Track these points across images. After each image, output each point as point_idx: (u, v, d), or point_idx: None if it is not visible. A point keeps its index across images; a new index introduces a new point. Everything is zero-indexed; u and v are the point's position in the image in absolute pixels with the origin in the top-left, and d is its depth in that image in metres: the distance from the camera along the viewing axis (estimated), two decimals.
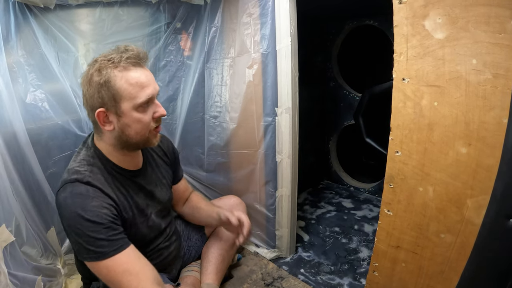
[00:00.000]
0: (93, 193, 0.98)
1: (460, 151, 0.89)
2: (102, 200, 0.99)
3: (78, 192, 0.97)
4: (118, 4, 1.54)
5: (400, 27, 0.95)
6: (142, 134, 1.04)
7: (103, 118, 0.99)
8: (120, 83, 0.95)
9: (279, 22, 1.44)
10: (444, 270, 1.00)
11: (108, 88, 0.95)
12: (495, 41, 0.78)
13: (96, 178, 1.02)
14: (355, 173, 2.78)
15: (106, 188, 1.03)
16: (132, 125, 1.01)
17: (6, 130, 1.25)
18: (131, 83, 0.96)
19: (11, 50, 1.31)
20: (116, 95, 0.96)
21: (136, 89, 0.97)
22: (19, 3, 1.28)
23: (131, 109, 0.98)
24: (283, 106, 1.52)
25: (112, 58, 0.96)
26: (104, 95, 0.96)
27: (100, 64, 0.96)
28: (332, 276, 1.66)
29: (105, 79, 0.95)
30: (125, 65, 0.96)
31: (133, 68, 0.98)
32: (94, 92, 0.96)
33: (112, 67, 0.95)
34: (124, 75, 0.96)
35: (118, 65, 0.96)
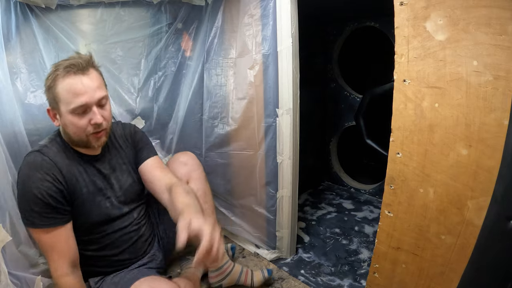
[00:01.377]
0: (41, 164, 1.09)
1: (461, 152, 0.89)
2: (49, 173, 1.09)
3: (29, 161, 1.10)
4: (120, 4, 1.55)
5: (401, 29, 0.95)
6: (79, 135, 1.14)
7: (52, 115, 1.15)
8: (59, 87, 1.07)
9: (281, 23, 1.44)
10: (444, 271, 1.00)
11: (51, 91, 1.09)
12: (496, 42, 0.78)
13: (53, 151, 1.15)
14: (356, 174, 2.78)
15: (60, 161, 1.14)
16: (69, 126, 1.12)
17: (5, 130, 1.25)
18: (66, 89, 1.07)
19: (11, 49, 1.31)
20: (56, 98, 1.09)
21: (69, 96, 1.07)
22: (21, 3, 1.29)
23: (67, 112, 1.09)
24: (284, 107, 1.52)
25: (58, 66, 1.08)
26: (49, 97, 1.12)
27: (50, 71, 1.10)
28: (333, 277, 1.66)
29: (49, 83, 1.09)
30: (64, 73, 1.07)
31: (72, 76, 1.08)
32: (46, 93, 1.13)
33: (56, 74, 1.07)
34: (62, 82, 1.07)
35: (59, 72, 1.07)
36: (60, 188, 1.11)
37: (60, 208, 1.11)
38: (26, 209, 1.08)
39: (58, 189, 1.10)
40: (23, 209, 1.09)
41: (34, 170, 1.08)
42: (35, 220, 1.07)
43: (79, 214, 1.18)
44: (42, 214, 1.07)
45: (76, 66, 1.08)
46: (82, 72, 1.09)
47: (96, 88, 1.11)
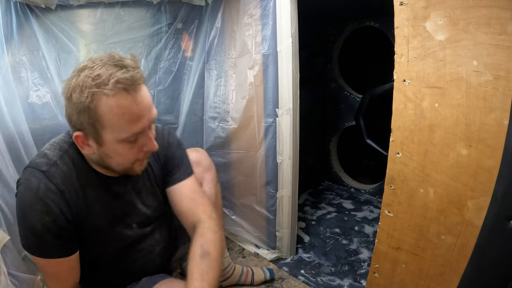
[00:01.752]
0: (44, 193, 0.84)
1: (461, 152, 0.89)
2: (53, 206, 0.85)
3: (31, 186, 0.84)
4: (120, 4, 1.54)
5: (401, 29, 0.95)
6: (124, 166, 0.91)
7: (81, 142, 0.85)
8: (105, 110, 0.78)
9: (280, 23, 1.44)
10: (444, 271, 1.00)
11: (89, 114, 0.78)
12: (496, 42, 0.78)
13: (62, 172, 0.88)
14: (356, 174, 2.78)
15: (70, 187, 0.88)
16: (113, 157, 0.87)
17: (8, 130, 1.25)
18: (116, 113, 0.79)
19: (13, 50, 1.31)
20: (97, 123, 0.80)
21: (122, 122, 0.80)
22: (21, 3, 1.28)
23: (114, 141, 0.83)
24: (284, 107, 1.52)
25: (99, 77, 0.77)
26: (83, 120, 0.80)
27: (84, 82, 0.77)
28: (333, 277, 1.66)
29: (85, 104, 0.77)
30: (111, 92, 0.77)
31: (124, 94, 0.78)
32: (73, 113, 0.81)
33: (95, 91, 0.77)
34: (110, 102, 0.77)
35: (103, 90, 0.77)
36: (66, 224, 0.88)
37: (64, 243, 0.90)
38: (24, 234, 0.86)
39: (63, 224, 0.87)
40: (21, 232, 0.87)
41: (35, 199, 0.83)
42: (35, 250, 0.87)
43: (92, 246, 0.99)
44: (42, 245, 0.87)
45: (130, 80, 0.78)
46: (135, 88, 0.80)
47: (151, 108, 0.86)
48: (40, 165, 0.86)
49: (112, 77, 0.77)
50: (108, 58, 0.81)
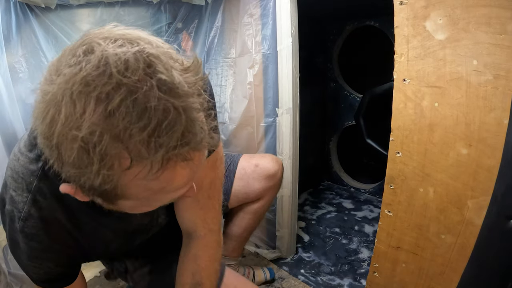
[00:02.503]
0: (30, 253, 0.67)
1: (461, 152, 0.89)
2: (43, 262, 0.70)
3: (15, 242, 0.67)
4: (119, 4, 1.54)
5: (401, 28, 0.95)
6: None
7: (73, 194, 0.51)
8: (130, 184, 0.46)
9: (280, 23, 1.44)
10: (444, 271, 1.00)
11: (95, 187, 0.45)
12: (496, 42, 0.78)
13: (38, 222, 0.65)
14: (356, 173, 2.78)
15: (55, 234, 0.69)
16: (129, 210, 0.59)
17: (6, 130, 1.25)
18: (152, 189, 0.48)
19: (12, 49, 1.31)
20: (112, 195, 0.48)
21: (160, 195, 0.51)
22: (20, 3, 1.28)
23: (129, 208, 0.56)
24: (284, 107, 1.52)
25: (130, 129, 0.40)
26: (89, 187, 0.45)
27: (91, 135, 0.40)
28: (332, 276, 1.66)
29: (111, 182, 0.44)
30: (160, 163, 0.43)
31: (171, 166, 0.44)
32: (62, 169, 0.46)
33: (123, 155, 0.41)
34: (144, 177, 0.44)
35: (144, 157, 0.42)
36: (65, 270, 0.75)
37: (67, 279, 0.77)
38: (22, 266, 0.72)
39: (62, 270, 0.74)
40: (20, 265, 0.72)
41: (25, 257, 0.68)
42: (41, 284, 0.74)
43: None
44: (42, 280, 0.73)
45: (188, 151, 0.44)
46: (186, 158, 0.45)
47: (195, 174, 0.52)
48: (13, 218, 0.65)
49: (157, 144, 0.41)
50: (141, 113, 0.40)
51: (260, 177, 1.27)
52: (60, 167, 0.45)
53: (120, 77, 0.39)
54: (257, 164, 1.28)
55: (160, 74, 0.41)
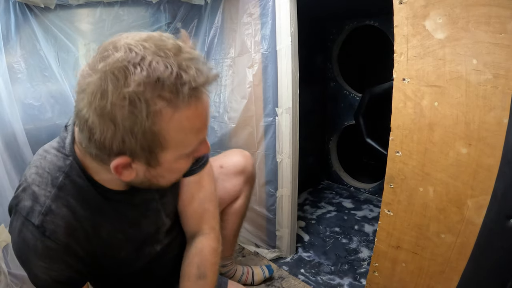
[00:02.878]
0: (43, 252, 0.67)
1: (461, 151, 0.89)
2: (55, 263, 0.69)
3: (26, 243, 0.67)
4: (119, 4, 1.54)
5: (401, 27, 0.95)
6: (172, 181, 0.73)
7: (122, 169, 0.61)
8: (171, 128, 0.56)
9: (280, 22, 1.44)
10: (444, 270, 1.00)
11: (146, 137, 0.55)
12: (495, 41, 0.78)
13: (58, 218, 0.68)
14: (356, 173, 2.78)
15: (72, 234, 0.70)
16: (167, 175, 0.69)
17: (5, 130, 1.25)
18: (184, 127, 0.58)
19: (11, 50, 1.31)
20: (156, 145, 0.58)
21: (189, 136, 0.61)
22: (20, 3, 1.28)
23: (174, 160, 0.64)
24: (283, 106, 1.52)
25: (161, 81, 0.52)
26: (134, 144, 0.56)
27: (136, 87, 0.51)
28: (332, 276, 1.66)
29: (142, 126, 0.54)
30: (184, 102, 0.55)
31: (193, 103, 0.57)
32: (115, 136, 0.55)
33: (160, 99, 0.53)
34: (177, 117, 0.56)
35: (171, 102, 0.54)
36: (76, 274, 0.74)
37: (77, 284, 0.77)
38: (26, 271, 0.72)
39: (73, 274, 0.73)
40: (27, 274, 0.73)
41: (35, 257, 0.68)
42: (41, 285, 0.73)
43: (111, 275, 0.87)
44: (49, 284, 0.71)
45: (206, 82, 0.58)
46: (199, 94, 0.58)
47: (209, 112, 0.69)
48: (30, 214, 0.67)
49: (183, 80, 0.54)
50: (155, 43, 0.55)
51: (228, 176, 1.25)
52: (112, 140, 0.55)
53: (143, 53, 0.53)
54: (221, 165, 1.26)
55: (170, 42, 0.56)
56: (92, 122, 0.54)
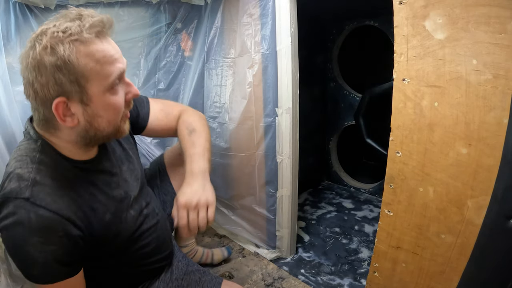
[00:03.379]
0: (37, 225, 0.71)
1: (461, 151, 0.89)
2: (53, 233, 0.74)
3: (18, 220, 0.71)
4: (119, 4, 1.54)
5: (401, 28, 0.95)
6: (115, 122, 0.84)
7: (63, 111, 0.74)
8: (85, 61, 0.72)
9: (280, 23, 1.44)
10: (444, 270, 1.00)
11: (69, 70, 0.71)
12: (495, 41, 0.78)
13: (44, 187, 0.75)
14: (356, 173, 2.78)
15: (60, 200, 0.76)
16: (103, 114, 0.79)
17: (5, 131, 1.25)
18: (97, 58, 0.74)
19: (11, 50, 1.31)
20: (81, 77, 0.73)
21: (105, 66, 0.76)
22: (20, 4, 1.28)
23: (102, 92, 0.77)
24: (283, 107, 1.52)
25: (68, 28, 0.71)
26: (64, 80, 0.71)
27: (52, 38, 0.70)
28: (333, 276, 1.66)
29: (63, 58, 0.70)
30: (88, 36, 0.73)
31: (97, 40, 0.75)
32: (48, 79, 0.71)
33: (71, 41, 0.71)
34: (88, 50, 0.73)
35: (79, 37, 0.71)
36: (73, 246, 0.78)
37: (73, 264, 0.81)
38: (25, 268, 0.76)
39: (70, 247, 0.77)
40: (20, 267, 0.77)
41: (29, 233, 0.72)
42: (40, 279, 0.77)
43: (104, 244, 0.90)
44: (49, 273, 0.76)
45: (102, 23, 0.76)
46: (107, 33, 0.78)
47: (120, 53, 0.83)
48: (19, 191, 0.73)
49: (83, 25, 0.72)
50: (62, 15, 0.75)
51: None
52: (47, 84, 0.71)
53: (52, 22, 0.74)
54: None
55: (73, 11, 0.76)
56: (32, 78, 0.72)
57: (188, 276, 1.11)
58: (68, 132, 0.80)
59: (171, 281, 1.08)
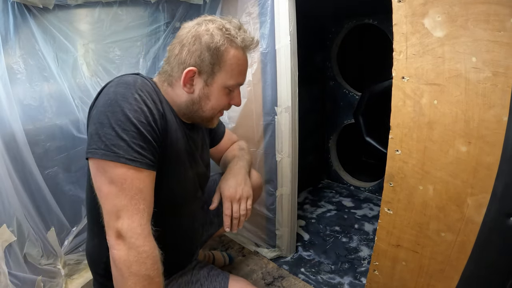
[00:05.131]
0: (142, 85, 0.84)
1: (460, 149, 0.89)
2: (149, 97, 0.84)
3: (124, 81, 0.83)
4: (117, 4, 1.54)
5: (400, 26, 0.95)
6: (214, 111, 0.99)
7: (189, 78, 0.92)
8: (228, 57, 0.92)
9: (278, 21, 1.44)
10: (444, 268, 1.00)
11: (216, 55, 0.91)
12: (494, 39, 0.78)
13: (148, 89, 0.86)
14: (355, 172, 2.78)
15: (153, 102, 0.86)
16: (212, 99, 0.97)
17: (5, 131, 1.25)
18: (237, 63, 0.94)
19: (10, 50, 1.31)
20: (218, 65, 0.92)
21: (236, 71, 0.95)
22: (18, 4, 1.28)
23: (221, 85, 0.95)
24: (282, 105, 1.52)
25: (229, 30, 0.92)
26: (206, 59, 0.91)
27: (216, 28, 0.91)
28: (333, 275, 1.66)
29: (217, 45, 0.90)
30: (239, 43, 0.93)
31: (242, 50, 0.95)
32: (197, 50, 0.90)
33: (228, 39, 0.91)
34: (236, 53, 0.93)
35: (233, 40, 0.92)
36: (157, 123, 0.84)
37: (153, 145, 0.83)
38: (108, 135, 0.77)
39: (156, 121, 0.84)
40: (103, 136, 0.77)
41: (131, 89, 0.81)
42: (120, 151, 0.76)
43: (163, 177, 0.90)
44: (132, 146, 0.77)
45: (251, 43, 0.97)
46: (249, 51, 0.99)
47: (247, 68, 1.02)
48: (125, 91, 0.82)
49: (240, 34, 0.93)
50: (227, 21, 0.95)
51: None
52: (194, 53, 0.91)
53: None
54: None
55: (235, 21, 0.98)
56: (186, 42, 0.91)
57: (197, 271, 1.12)
58: (179, 93, 0.96)
59: (180, 277, 1.09)
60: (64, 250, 1.52)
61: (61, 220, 1.48)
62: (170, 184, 0.95)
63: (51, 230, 1.44)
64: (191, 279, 1.09)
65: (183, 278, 1.09)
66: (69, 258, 1.53)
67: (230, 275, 1.11)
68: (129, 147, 0.77)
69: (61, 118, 1.44)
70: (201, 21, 0.93)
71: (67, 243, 1.53)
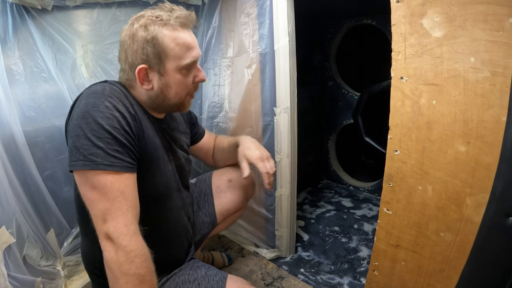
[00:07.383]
0: (110, 92, 0.87)
1: (459, 149, 0.89)
2: (120, 102, 0.87)
3: (93, 91, 0.86)
4: (116, 5, 1.54)
5: (398, 26, 0.95)
6: (180, 96, 1.00)
7: (143, 76, 0.94)
8: (168, 41, 0.92)
9: (277, 22, 1.44)
10: (444, 268, 1.00)
11: (155, 45, 0.91)
12: (493, 39, 0.78)
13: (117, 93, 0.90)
14: (355, 172, 2.78)
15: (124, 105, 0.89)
16: (172, 86, 0.97)
17: (4, 132, 1.25)
18: (178, 43, 0.93)
19: (8, 51, 1.31)
20: (162, 53, 0.92)
21: (182, 50, 0.94)
22: (17, 5, 1.28)
23: (175, 70, 0.95)
24: (281, 106, 1.52)
25: (160, 16, 0.92)
26: (149, 52, 0.91)
27: (147, 20, 0.92)
28: (332, 275, 1.66)
29: (152, 35, 0.90)
30: (174, 24, 0.93)
31: (180, 28, 0.94)
32: (138, 48, 0.91)
33: (160, 25, 0.91)
34: (172, 35, 0.92)
35: (167, 23, 0.92)
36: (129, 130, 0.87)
37: (129, 148, 0.86)
38: (85, 146, 0.80)
39: (127, 128, 0.86)
40: (80, 148, 0.80)
41: (100, 97, 0.84)
42: (97, 159, 0.80)
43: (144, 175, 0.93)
44: (108, 152, 0.81)
45: (186, 17, 0.95)
46: (189, 25, 0.97)
47: (197, 44, 1.01)
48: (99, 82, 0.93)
49: (171, 15, 0.93)
50: (159, 7, 0.96)
51: (236, 190, 1.40)
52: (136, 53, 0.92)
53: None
54: (230, 179, 1.41)
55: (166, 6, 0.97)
56: (126, 46, 0.93)
57: (194, 271, 1.12)
58: (142, 92, 0.98)
59: (178, 276, 1.09)
60: (63, 252, 1.52)
61: (60, 221, 1.48)
62: (152, 180, 0.98)
63: (51, 232, 1.44)
64: (189, 279, 1.09)
65: (180, 277, 1.09)
66: (69, 259, 1.53)
67: (228, 275, 1.11)
68: (106, 153, 0.81)
69: (60, 119, 1.44)
70: (132, 21, 0.94)
71: (66, 244, 1.53)
